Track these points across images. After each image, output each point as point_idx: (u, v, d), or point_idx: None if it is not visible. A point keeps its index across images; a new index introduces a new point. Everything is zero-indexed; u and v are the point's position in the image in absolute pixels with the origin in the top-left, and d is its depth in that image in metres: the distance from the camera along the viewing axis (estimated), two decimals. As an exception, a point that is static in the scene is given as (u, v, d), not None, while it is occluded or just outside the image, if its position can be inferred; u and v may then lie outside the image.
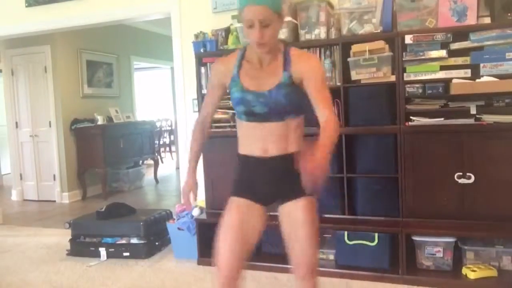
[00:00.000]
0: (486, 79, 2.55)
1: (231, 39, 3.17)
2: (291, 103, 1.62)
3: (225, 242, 1.67)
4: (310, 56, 1.81)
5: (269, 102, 1.61)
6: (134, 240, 3.41)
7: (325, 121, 1.57)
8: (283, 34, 2.88)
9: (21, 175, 5.96)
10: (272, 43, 1.62)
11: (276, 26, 1.59)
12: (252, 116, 1.65)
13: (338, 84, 2.86)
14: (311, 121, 1.67)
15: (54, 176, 5.73)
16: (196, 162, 1.94)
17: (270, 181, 1.69)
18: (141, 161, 6.86)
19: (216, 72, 1.77)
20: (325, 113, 1.59)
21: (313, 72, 1.63)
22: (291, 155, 1.64)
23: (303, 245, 1.65)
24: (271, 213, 1.74)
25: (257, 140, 1.67)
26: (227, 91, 1.74)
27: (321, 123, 1.59)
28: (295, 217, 1.66)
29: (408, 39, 2.66)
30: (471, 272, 2.56)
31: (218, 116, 3.18)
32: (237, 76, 1.67)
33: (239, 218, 1.68)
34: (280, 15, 1.60)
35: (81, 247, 3.49)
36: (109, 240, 3.45)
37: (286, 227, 1.69)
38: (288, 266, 2.93)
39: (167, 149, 9.89)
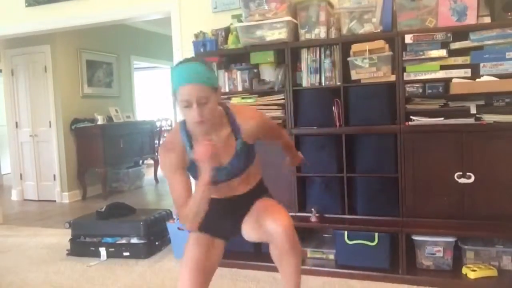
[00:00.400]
0: (486, 79, 2.55)
1: (231, 38, 3.17)
2: (249, 160, 1.76)
3: (186, 275, 1.73)
4: (253, 114, 1.76)
5: (231, 171, 1.70)
6: (134, 240, 3.41)
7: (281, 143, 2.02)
8: (283, 34, 2.88)
9: (21, 175, 5.97)
10: (212, 119, 1.58)
11: (214, 101, 1.56)
12: (217, 183, 1.71)
13: (338, 83, 2.86)
14: (306, 121, 1.91)
15: (54, 176, 5.73)
16: None
17: (233, 213, 1.82)
18: (141, 161, 6.86)
19: (171, 162, 1.65)
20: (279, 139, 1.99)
21: (261, 127, 1.74)
22: (253, 188, 1.85)
23: (273, 215, 1.69)
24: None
25: (224, 190, 1.78)
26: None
27: (281, 144, 2.04)
28: (256, 208, 1.79)
29: (408, 38, 2.66)
30: (471, 272, 2.56)
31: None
32: (193, 160, 1.63)
33: (200, 253, 1.77)
34: (216, 89, 1.58)
35: (81, 247, 3.49)
36: (109, 240, 3.45)
37: (251, 222, 1.79)
38: (288, 266, 2.93)
39: (167, 149, 9.86)
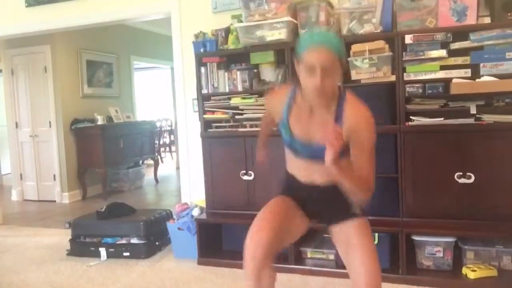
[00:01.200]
0: (486, 79, 2.55)
1: (231, 39, 3.17)
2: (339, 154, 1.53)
3: (267, 214, 1.61)
4: (365, 112, 1.60)
5: (316, 152, 1.55)
6: (134, 240, 3.41)
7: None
8: (283, 34, 2.88)
9: (21, 175, 5.96)
10: (330, 92, 1.52)
11: (337, 72, 1.50)
12: (298, 155, 1.64)
13: (338, 84, 2.86)
14: None
15: (54, 176, 5.73)
16: (265, 142, 2.08)
17: (318, 203, 1.67)
18: (141, 161, 6.85)
19: (268, 107, 1.88)
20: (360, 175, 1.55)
21: (362, 134, 1.54)
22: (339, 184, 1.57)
23: (365, 274, 1.54)
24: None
25: (303, 170, 1.66)
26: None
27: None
28: (351, 245, 1.59)
29: (408, 39, 2.66)
30: (471, 272, 2.56)
31: (218, 116, 3.18)
32: (286, 119, 1.62)
33: (282, 207, 1.65)
34: (342, 62, 1.52)
35: (81, 247, 3.49)
36: (109, 240, 3.45)
37: (343, 253, 1.65)
38: (288, 266, 2.95)
39: (167, 149, 9.89)
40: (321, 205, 1.68)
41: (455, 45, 2.62)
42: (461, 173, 2.64)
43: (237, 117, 3.13)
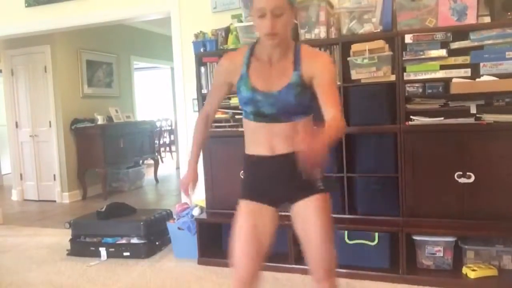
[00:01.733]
0: (486, 79, 2.55)
1: (231, 38, 3.17)
2: (301, 104, 1.58)
3: (240, 246, 1.64)
4: (321, 55, 1.70)
5: (278, 103, 1.56)
6: (134, 240, 3.41)
7: (330, 118, 1.51)
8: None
9: (21, 175, 5.97)
10: (283, 36, 1.55)
11: (288, 17, 1.52)
12: (260, 116, 1.61)
13: (338, 83, 2.86)
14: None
15: (54, 176, 5.73)
16: (198, 155, 1.89)
17: (278, 181, 1.64)
18: (141, 161, 6.86)
19: (223, 69, 1.71)
20: (331, 111, 1.52)
21: (322, 72, 1.57)
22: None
23: (318, 249, 1.59)
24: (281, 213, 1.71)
25: (264, 139, 1.63)
26: (233, 89, 1.69)
27: (326, 121, 1.52)
28: (308, 219, 1.61)
29: (408, 38, 2.66)
30: (471, 272, 2.56)
31: (218, 116, 3.17)
32: (246, 74, 1.62)
33: (251, 222, 1.65)
34: (293, 6, 1.54)
35: (82, 247, 3.49)
36: (109, 240, 3.45)
37: (299, 229, 1.64)
38: (288, 266, 2.95)
39: (167, 149, 9.89)
40: (283, 185, 1.65)
41: (455, 45, 2.62)
42: (461, 173, 2.64)
43: (237, 117, 3.13)
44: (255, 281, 1.64)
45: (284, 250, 2.87)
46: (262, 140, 1.64)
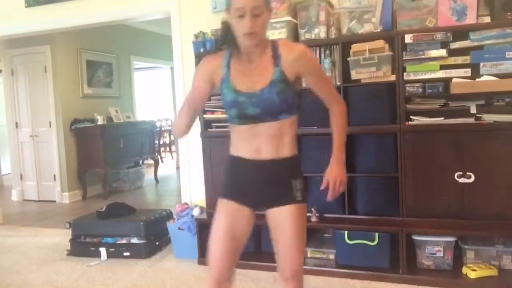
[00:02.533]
0: (486, 78, 2.55)
1: (231, 38, 3.16)
2: (285, 101, 1.58)
3: (216, 243, 1.72)
4: (297, 46, 1.66)
5: (262, 102, 1.56)
6: (134, 240, 3.41)
7: (333, 114, 1.71)
8: (283, 34, 2.88)
9: (21, 175, 5.96)
10: (262, 34, 1.58)
11: (265, 16, 1.55)
12: (244, 118, 1.61)
13: (338, 83, 2.86)
14: (307, 121, 1.68)
15: (54, 176, 5.73)
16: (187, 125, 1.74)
17: (260, 186, 1.66)
18: (141, 161, 6.86)
19: (204, 71, 1.69)
20: (334, 108, 1.71)
21: (306, 66, 1.61)
22: (284, 160, 1.63)
23: (288, 250, 1.65)
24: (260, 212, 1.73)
25: (250, 141, 1.63)
26: (217, 91, 1.68)
27: (330, 116, 1.72)
28: (280, 223, 1.64)
29: (408, 38, 2.66)
30: (471, 272, 2.56)
31: (218, 116, 3.18)
32: (227, 76, 1.62)
33: (228, 221, 1.70)
34: (269, 6, 1.57)
35: (82, 247, 3.49)
36: (109, 240, 3.45)
37: (272, 231, 1.68)
38: (288, 266, 2.93)
39: (167, 149, 9.88)
40: (263, 189, 1.67)
41: (455, 45, 2.62)
42: (461, 173, 2.64)
43: (237, 117, 3.13)
44: (229, 278, 1.72)
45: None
46: (247, 142, 1.65)
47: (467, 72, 2.59)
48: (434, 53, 2.64)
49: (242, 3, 1.49)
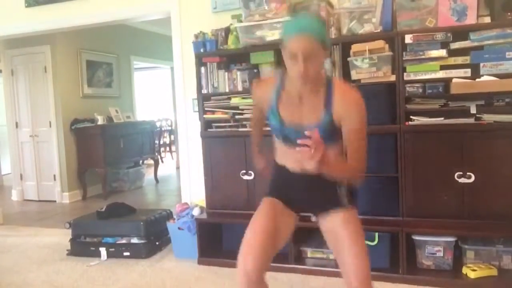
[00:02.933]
0: (486, 79, 2.55)
1: (231, 39, 3.17)
2: (330, 138, 1.56)
3: (253, 236, 1.61)
4: (353, 94, 1.60)
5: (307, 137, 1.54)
6: (134, 240, 3.41)
7: (348, 160, 1.58)
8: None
9: (21, 175, 5.97)
10: (315, 74, 1.53)
11: (321, 57, 1.52)
12: (290, 142, 1.61)
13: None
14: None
15: (54, 176, 5.73)
16: (259, 147, 2.05)
17: (306, 191, 1.67)
18: (141, 161, 6.86)
19: (255, 97, 1.87)
20: (351, 160, 1.57)
21: (351, 116, 1.55)
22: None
23: (346, 257, 1.58)
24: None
25: (294, 159, 1.60)
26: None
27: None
28: (339, 234, 1.61)
29: (408, 38, 2.66)
30: (471, 272, 2.56)
31: (218, 116, 3.18)
32: (275, 107, 1.63)
33: (272, 212, 1.66)
34: (325, 47, 1.53)
35: (82, 247, 3.50)
36: (109, 240, 3.45)
37: (331, 244, 1.66)
38: (288, 266, 2.95)
39: (167, 149, 9.89)
40: (309, 196, 1.68)
41: (455, 45, 2.62)
42: (461, 173, 2.64)
43: (237, 117, 3.13)
44: (261, 275, 1.61)
45: (284, 250, 2.85)
46: (291, 158, 1.65)
47: (467, 72, 2.59)
48: (434, 53, 2.64)
49: (296, 48, 1.46)
